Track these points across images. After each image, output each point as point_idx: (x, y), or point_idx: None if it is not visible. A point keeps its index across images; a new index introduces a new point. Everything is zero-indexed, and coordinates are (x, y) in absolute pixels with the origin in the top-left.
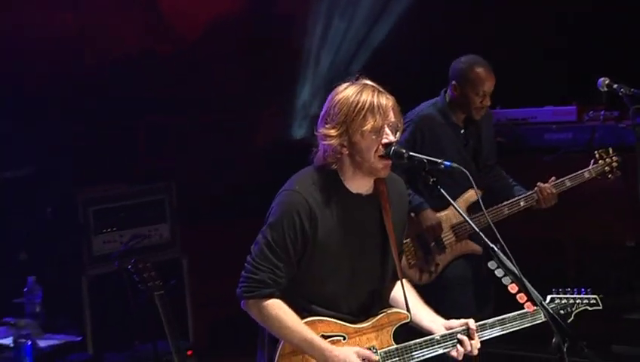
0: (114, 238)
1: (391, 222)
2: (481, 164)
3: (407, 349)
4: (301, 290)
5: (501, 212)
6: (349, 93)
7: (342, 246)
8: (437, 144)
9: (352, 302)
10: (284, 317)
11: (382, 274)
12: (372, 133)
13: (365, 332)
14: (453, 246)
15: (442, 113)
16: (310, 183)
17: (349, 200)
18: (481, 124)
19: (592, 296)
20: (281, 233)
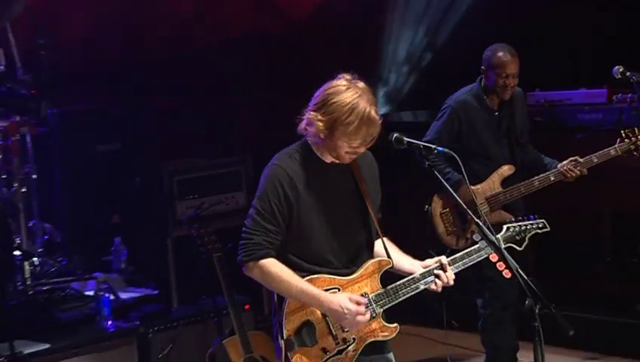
0: (195, 204)
1: (364, 184)
2: (515, 142)
3: (394, 290)
4: (294, 251)
5: (532, 185)
6: (347, 98)
7: (322, 208)
8: (472, 126)
9: (341, 257)
10: (281, 273)
11: (363, 229)
12: (352, 140)
13: (356, 281)
14: (487, 216)
15: (477, 98)
16: (288, 157)
17: (324, 168)
18: (515, 107)
19: (540, 220)
20: (267, 201)
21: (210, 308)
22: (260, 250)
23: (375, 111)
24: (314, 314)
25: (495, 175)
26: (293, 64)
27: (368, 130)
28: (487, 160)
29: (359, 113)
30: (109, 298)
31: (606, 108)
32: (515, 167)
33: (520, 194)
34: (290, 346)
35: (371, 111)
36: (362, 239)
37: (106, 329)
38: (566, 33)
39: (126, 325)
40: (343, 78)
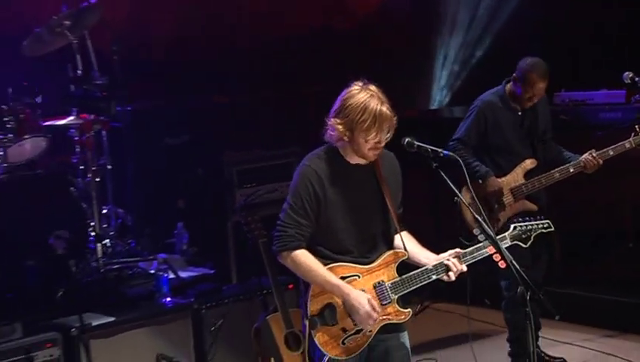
0: (251, 192)
1: (385, 184)
2: (537, 138)
3: (408, 279)
4: (321, 242)
5: (552, 176)
6: (359, 100)
7: (347, 205)
8: (497, 125)
9: (362, 248)
10: (310, 263)
11: (382, 224)
12: (370, 140)
13: (375, 270)
14: (512, 205)
15: (502, 99)
16: (318, 159)
17: (349, 169)
18: (538, 108)
19: (544, 221)
20: (299, 197)
21: (257, 288)
22: (292, 242)
23: (387, 107)
24: (336, 297)
25: (518, 168)
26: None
27: (382, 125)
28: (511, 155)
29: (371, 111)
30: (168, 277)
31: (625, 107)
32: (537, 161)
33: (541, 186)
34: (313, 324)
35: (382, 108)
36: (381, 233)
37: (165, 305)
38: (593, 37)
39: (182, 301)
40: (356, 84)
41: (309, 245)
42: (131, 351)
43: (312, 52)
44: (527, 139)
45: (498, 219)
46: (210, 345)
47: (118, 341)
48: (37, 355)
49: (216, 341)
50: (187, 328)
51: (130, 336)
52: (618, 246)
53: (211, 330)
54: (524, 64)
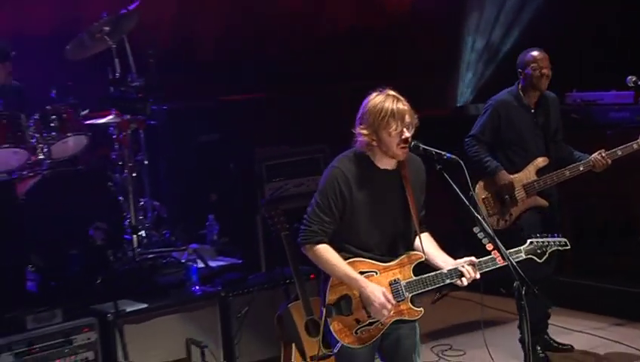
0: (281, 186)
1: (410, 188)
2: (549, 137)
3: (423, 280)
4: (344, 238)
5: (563, 174)
6: (376, 102)
7: (371, 206)
8: (510, 122)
9: (382, 247)
10: (331, 257)
11: (403, 227)
12: (392, 132)
13: (392, 268)
14: (524, 200)
15: (516, 98)
16: (348, 161)
17: (377, 173)
18: (550, 108)
19: (561, 239)
20: (326, 196)
21: (280, 277)
22: (315, 237)
23: (403, 103)
24: (352, 290)
25: (531, 166)
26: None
27: (401, 118)
28: (524, 152)
29: (387, 108)
30: (197, 266)
31: (633, 107)
32: (549, 159)
33: (553, 183)
34: (329, 313)
35: (398, 103)
36: (401, 234)
37: (194, 293)
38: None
39: (211, 289)
40: (373, 91)
41: (334, 239)
42: (163, 336)
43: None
44: (539, 136)
45: (511, 214)
46: (237, 330)
47: (150, 326)
48: (75, 339)
49: (241, 327)
50: (215, 314)
51: (161, 322)
52: (627, 239)
53: (237, 317)
54: (521, 55)
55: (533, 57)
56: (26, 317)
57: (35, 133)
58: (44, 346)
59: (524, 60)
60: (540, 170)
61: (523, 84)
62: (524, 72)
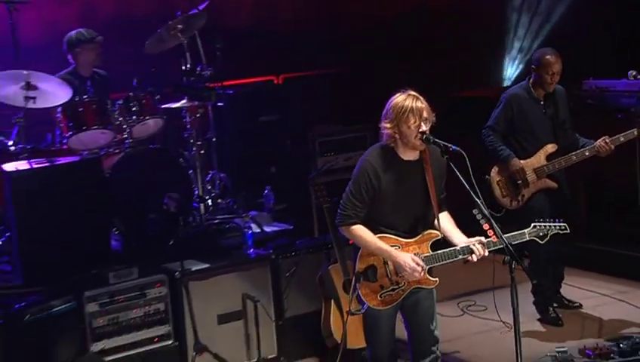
0: (331, 160)
1: (431, 176)
2: (557, 126)
3: (438, 255)
4: (374, 219)
5: (571, 159)
6: (399, 101)
7: (396, 193)
8: (522, 112)
9: (404, 226)
10: (364, 235)
11: (424, 210)
12: (412, 125)
13: (412, 244)
14: (534, 182)
15: (527, 91)
16: (376, 155)
17: (401, 164)
18: (558, 100)
19: (562, 223)
20: (358, 185)
21: (322, 243)
22: (349, 219)
23: (421, 101)
24: (378, 261)
25: (541, 151)
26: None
27: (419, 114)
28: (534, 139)
29: (407, 105)
30: (252, 232)
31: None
32: (557, 146)
33: (561, 166)
34: (358, 278)
35: (416, 101)
36: (421, 216)
37: (249, 255)
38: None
39: (263, 252)
40: (397, 92)
41: (366, 219)
42: (222, 292)
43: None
44: (548, 125)
45: (523, 195)
46: (285, 287)
47: (211, 283)
48: (149, 292)
49: (289, 285)
50: (267, 274)
51: (221, 279)
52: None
53: (286, 276)
54: (537, 54)
55: (548, 62)
56: (109, 274)
57: (119, 116)
58: (122, 298)
59: (539, 62)
60: (549, 156)
61: (534, 80)
62: (538, 71)
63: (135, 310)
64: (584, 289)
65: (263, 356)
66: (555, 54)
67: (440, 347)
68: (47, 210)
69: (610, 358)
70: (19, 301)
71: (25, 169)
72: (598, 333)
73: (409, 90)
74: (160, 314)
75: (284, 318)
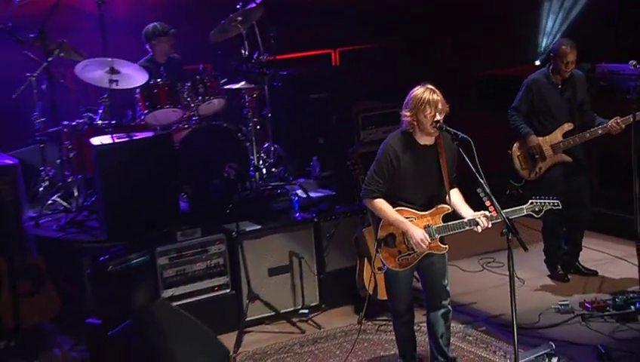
0: (373, 132)
1: (444, 159)
2: (575, 107)
3: (448, 226)
4: (394, 194)
5: (584, 136)
6: (417, 92)
7: (412, 172)
8: (541, 95)
9: (420, 200)
10: (383, 207)
11: (437, 187)
12: (428, 115)
13: (426, 216)
14: (551, 156)
15: (546, 76)
16: (397, 140)
17: (418, 148)
18: (576, 84)
19: (555, 200)
20: (380, 165)
21: (358, 208)
22: (372, 193)
23: (437, 94)
24: (397, 230)
25: (558, 130)
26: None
27: (435, 105)
28: (552, 119)
29: (425, 97)
30: (299, 197)
31: None
32: (573, 125)
33: (575, 143)
34: (379, 245)
35: (432, 94)
36: (435, 192)
37: (296, 218)
38: None
39: (308, 216)
40: (418, 85)
41: (387, 194)
42: (271, 249)
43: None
44: (565, 107)
45: (540, 168)
46: (325, 246)
47: (262, 242)
48: (210, 248)
49: (329, 244)
50: (310, 235)
51: (271, 238)
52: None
53: (327, 236)
54: (555, 44)
55: (563, 52)
56: (177, 233)
57: (187, 96)
58: (188, 253)
59: (556, 52)
60: (565, 133)
61: (553, 67)
62: (554, 59)
63: (198, 263)
64: (591, 248)
65: (307, 303)
66: (571, 45)
67: (461, 299)
68: (126, 178)
69: (606, 311)
70: (103, 253)
71: (108, 143)
72: (598, 289)
73: (427, 84)
74: (219, 267)
75: (324, 272)
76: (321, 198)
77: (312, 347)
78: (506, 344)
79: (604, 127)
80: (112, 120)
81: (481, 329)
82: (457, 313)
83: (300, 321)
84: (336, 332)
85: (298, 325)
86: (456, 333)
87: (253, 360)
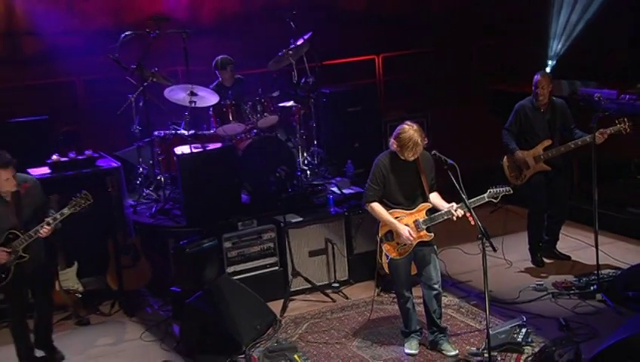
0: None
1: (422, 170)
2: (554, 128)
3: (431, 218)
4: (386, 198)
5: (569, 147)
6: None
7: (399, 181)
8: (527, 118)
9: (407, 202)
10: (379, 210)
11: (419, 191)
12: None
13: (413, 213)
14: (533, 166)
15: (531, 102)
16: (386, 157)
17: (402, 162)
18: (556, 109)
19: (508, 187)
20: (375, 176)
21: None
22: (370, 198)
23: (422, 138)
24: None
25: (539, 145)
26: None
27: (415, 148)
28: (536, 136)
29: (413, 143)
30: (333, 194)
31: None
32: (552, 141)
33: (559, 153)
34: (381, 240)
35: (417, 139)
36: (417, 195)
37: (330, 213)
38: None
39: (340, 210)
40: (406, 124)
41: (381, 199)
42: (311, 237)
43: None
44: (546, 127)
45: (525, 175)
46: (354, 234)
47: (304, 230)
48: (263, 236)
49: (357, 233)
50: (342, 225)
51: (310, 228)
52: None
53: (355, 226)
54: (535, 75)
55: (536, 81)
56: (238, 223)
57: (249, 113)
58: (246, 239)
59: (534, 83)
60: (546, 148)
61: (535, 96)
62: (535, 88)
63: (254, 247)
64: (570, 237)
65: (337, 279)
66: (545, 77)
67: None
68: (201, 178)
69: (571, 290)
70: (183, 238)
71: (188, 153)
72: (569, 271)
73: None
74: (270, 250)
75: (352, 254)
76: (352, 195)
77: (340, 314)
78: (492, 316)
79: (584, 139)
80: (191, 131)
81: (473, 303)
82: (455, 288)
83: (331, 293)
84: (359, 302)
85: (330, 296)
86: (452, 305)
87: (294, 323)
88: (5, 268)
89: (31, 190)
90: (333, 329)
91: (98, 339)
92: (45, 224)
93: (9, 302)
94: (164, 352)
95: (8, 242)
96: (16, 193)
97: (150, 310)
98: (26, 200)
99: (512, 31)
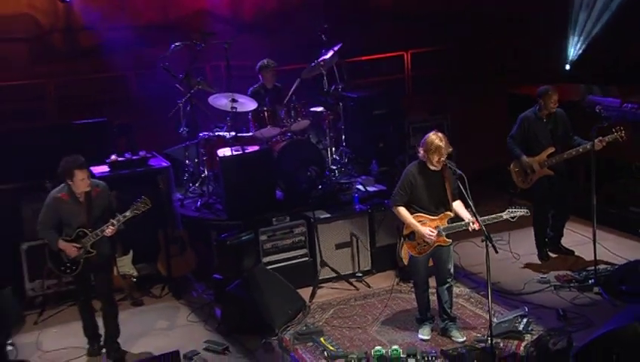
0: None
1: (447, 180)
2: (556, 136)
3: (452, 226)
4: (412, 203)
5: (571, 154)
6: (430, 140)
7: (425, 188)
8: (531, 128)
9: (431, 208)
10: (404, 213)
11: (443, 199)
12: (434, 159)
13: (435, 219)
14: (538, 170)
15: (534, 113)
16: (415, 166)
17: (429, 172)
18: (557, 119)
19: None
20: (403, 183)
21: None
22: (397, 203)
23: (445, 143)
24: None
25: (543, 152)
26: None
27: (440, 150)
28: (539, 144)
29: (434, 146)
30: (359, 192)
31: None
32: (554, 148)
33: (561, 159)
34: (405, 239)
35: (441, 144)
36: (441, 203)
37: (355, 210)
38: None
39: (364, 208)
40: (432, 132)
41: (407, 205)
42: (337, 231)
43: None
44: (549, 135)
45: (531, 179)
46: (377, 229)
47: (331, 226)
48: (295, 230)
49: (379, 228)
50: (366, 221)
51: (337, 224)
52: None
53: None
54: (540, 89)
55: (549, 97)
56: (272, 218)
57: (284, 118)
58: (280, 233)
59: (542, 95)
60: (549, 154)
61: (539, 106)
62: (540, 100)
63: (287, 240)
64: (575, 232)
65: (361, 269)
66: (553, 91)
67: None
68: (240, 178)
69: (572, 283)
70: (225, 231)
71: (229, 155)
72: (571, 266)
73: (437, 132)
74: (301, 242)
75: (375, 247)
76: (376, 192)
77: (363, 301)
78: (498, 305)
79: (585, 146)
80: (232, 133)
81: (482, 293)
82: (467, 279)
83: (355, 281)
84: (380, 291)
85: (354, 284)
86: (463, 295)
87: (321, 309)
88: (75, 262)
89: (101, 194)
90: (356, 315)
91: (150, 319)
92: (110, 224)
93: (76, 286)
94: (208, 332)
95: (78, 239)
96: (88, 195)
97: (195, 294)
98: (96, 201)
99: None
